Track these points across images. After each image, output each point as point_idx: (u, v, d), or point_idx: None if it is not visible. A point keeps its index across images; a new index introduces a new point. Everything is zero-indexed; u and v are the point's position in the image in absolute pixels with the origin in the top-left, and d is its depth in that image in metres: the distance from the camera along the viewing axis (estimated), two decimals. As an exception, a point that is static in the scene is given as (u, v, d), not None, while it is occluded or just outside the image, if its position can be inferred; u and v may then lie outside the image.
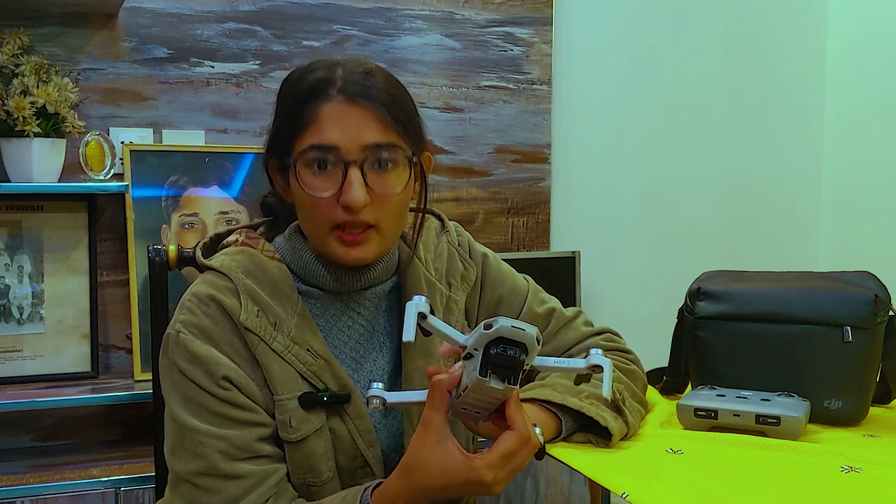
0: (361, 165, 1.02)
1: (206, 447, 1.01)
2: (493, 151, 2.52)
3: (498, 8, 2.49)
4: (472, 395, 0.92)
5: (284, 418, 1.04)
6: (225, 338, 1.04)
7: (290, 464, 1.06)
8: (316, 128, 1.03)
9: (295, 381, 1.06)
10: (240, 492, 1.01)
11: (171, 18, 2.19)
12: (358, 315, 1.14)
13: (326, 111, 1.03)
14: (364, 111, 1.03)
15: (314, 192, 1.03)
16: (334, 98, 1.04)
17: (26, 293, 2.07)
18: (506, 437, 0.94)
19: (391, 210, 1.06)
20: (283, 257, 1.12)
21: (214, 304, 1.05)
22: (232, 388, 1.03)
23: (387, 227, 1.07)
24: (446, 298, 1.19)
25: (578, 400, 1.10)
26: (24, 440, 2.10)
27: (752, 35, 2.80)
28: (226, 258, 1.10)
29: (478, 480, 0.93)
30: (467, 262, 1.24)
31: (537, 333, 0.88)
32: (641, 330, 1.88)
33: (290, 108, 1.07)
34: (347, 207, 1.02)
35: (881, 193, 2.70)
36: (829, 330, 1.24)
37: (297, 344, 1.06)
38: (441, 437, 0.93)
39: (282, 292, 1.08)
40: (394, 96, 1.06)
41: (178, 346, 1.04)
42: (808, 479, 1.00)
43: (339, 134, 1.02)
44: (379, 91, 1.05)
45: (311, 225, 1.07)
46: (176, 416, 1.03)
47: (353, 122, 1.03)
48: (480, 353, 0.89)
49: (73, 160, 2.06)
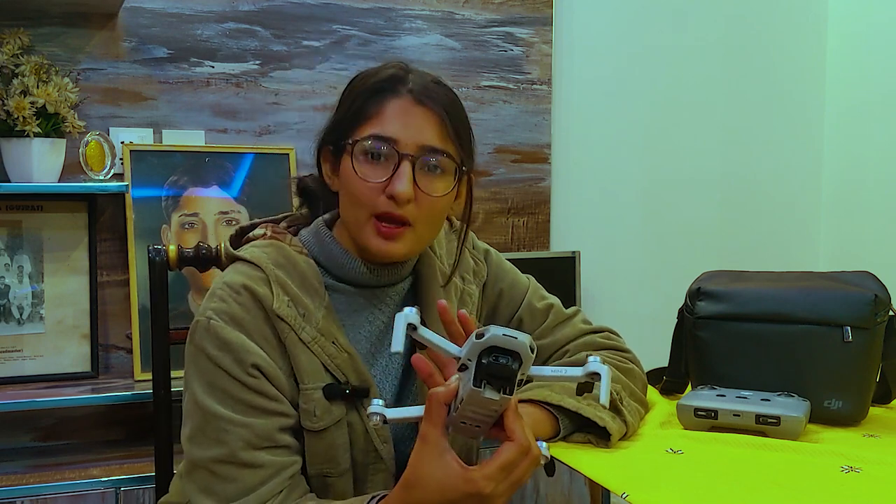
0: (414, 162, 1.06)
1: (229, 434, 1.02)
2: (493, 151, 2.52)
3: (498, 8, 2.49)
4: (470, 408, 0.91)
5: (309, 407, 1.06)
6: (256, 326, 1.05)
7: (310, 454, 1.07)
8: (379, 119, 1.08)
9: (319, 372, 1.07)
10: (256, 481, 1.01)
11: (171, 18, 2.19)
12: (379, 311, 1.16)
13: (393, 106, 1.08)
14: (428, 114, 1.08)
15: (365, 176, 1.07)
16: (403, 96, 1.08)
17: (26, 293, 2.07)
18: (505, 448, 0.93)
19: (430, 212, 1.09)
20: (310, 251, 1.14)
21: (247, 292, 1.06)
22: (260, 377, 1.04)
23: (422, 228, 1.10)
24: (461, 291, 1.22)
25: (576, 401, 1.10)
26: (24, 440, 2.10)
27: (752, 35, 2.80)
28: (256, 250, 1.12)
29: (476, 493, 0.92)
30: (478, 259, 1.27)
31: (530, 342, 0.87)
32: (641, 330, 1.88)
33: (356, 99, 1.11)
34: (392, 197, 1.05)
35: (881, 193, 2.70)
36: (829, 330, 1.24)
37: (323, 336, 1.08)
38: (439, 450, 0.93)
39: (310, 285, 1.10)
40: (456, 109, 1.12)
41: (209, 332, 1.04)
42: (808, 479, 1.00)
43: (401, 129, 1.07)
44: (445, 99, 1.10)
45: (353, 211, 1.10)
46: (200, 401, 1.04)
47: (415, 121, 1.08)
48: (474, 363, 0.88)
49: (73, 160, 2.06)
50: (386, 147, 1.06)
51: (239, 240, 1.19)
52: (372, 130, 1.07)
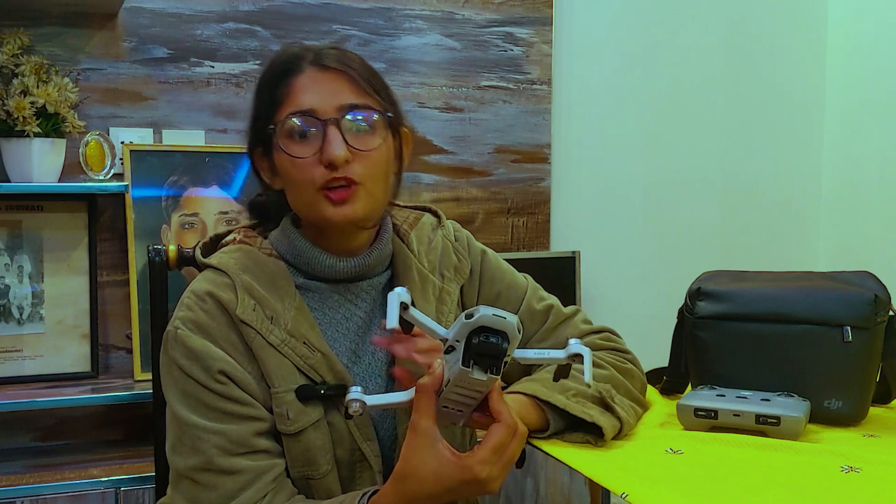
0: (339, 124, 1.05)
1: (204, 442, 1.02)
2: (493, 151, 2.52)
3: (498, 8, 2.49)
4: (455, 391, 0.92)
5: (282, 410, 1.05)
6: (221, 332, 1.05)
7: (289, 457, 1.06)
8: (291, 98, 1.07)
9: (292, 374, 1.06)
10: (237, 487, 1.01)
11: (171, 18, 2.19)
12: (356, 307, 1.15)
13: (300, 81, 1.07)
14: (337, 75, 1.08)
15: (298, 154, 1.06)
16: (306, 69, 1.08)
17: (26, 293, 2.07)
18: (494, 429, 0.94)
19: (373, 167, 1.07)
20: (280, 251, 1.14)
21: (211, 299, 1.06)
22: (228, 382, 1.04)
23: (371, 185, 1.08)
24: (439, 290, 1.20)
25: (565, 398, 1.10)
26: (24, 440, 2.10)
27: (752, 35, 2.80)
28: (224, 256, 1.12)
29: (473, 479, 0.92)
30: (462, 255, 1.25)
31: (518, 322, 0.89)
32: (641, 330, 1.87)
33: (265, 90, 1.10)
34: (330, 164, 1.04)
35: (881, 193, 2.70)
36: (829, 330, 1.24)
37: (293, 337, 1.07)
38: (431, 440, 0.93)
39: (279, 287, 1.09)
40: (364, 65, 1.11)
41: (177, 342, 1.05)
42: (808, 479, 1.00)
43: (315, 97, 1.06)
44: (350, 59, 1.10)
45: (300, 194, 1.08)
46: (175, 412, 1.04)
47: (326, 86, 1.07)
48: (463, 343, 0.89)
49: (73, 160, 2.06)
50: (307, 120, 1.05)
51: (214, 246, 1.19)
52: (288, 110, 1.06)
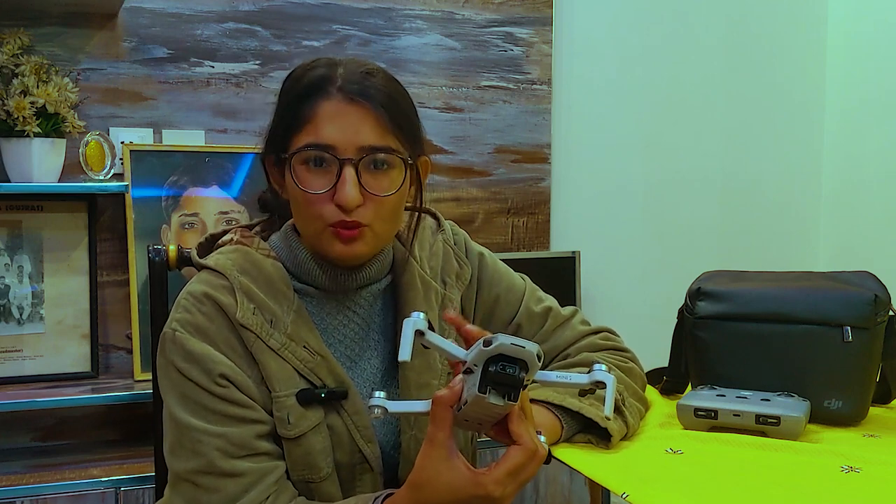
0: (356, 165, 1.03)
1: (205, 445, 1.01)
2: (493, 151, 2.52)
3: (498, 8, 2.49)
4: (473, 410, 0.91)
5: (282, 415, 1.05)
6: (221, 335, 1.04)
7: (289, 461, 1.06)
8: (313, 126, 1.04)
9: (292, 378, 1.06)
10: (239, 490, 1.01)
11: (171, 18, 2.19)
12: (353, 314, 1.14)
13: (324, 109, 1.04)
14: (362, 111, 1.03)
15: (309, 188, 1.03)
16: (333, 96, 1.04)
17: (26, 293, 2.07)
18: (512, 451, 0.93)
19: (384, 211, 1.06)
20: (279, 255, 1.13)
21: (210, 301, 1.05)
22: (229, 386, 1.03)
23: (380, 227, 1.07)
24: (441, 297, 1.19)
25: (578, 401, 1.10)
26: (24, 440, 2.10)
27: (752, 35, 2.80)
28: (221, 257, 1.10)
29: (486, 496, 0.92)
30: (462, 260, 1.24)
31: (538, 350, 0.87)
32: (641, 330, 1.88)
33: (288, 104, 1.07)
34: (341, 206, 1.02)
35: (881, 193, 2.70)
36: (829, 330, 1.24)
37: (293, 341, 1.06)
38: (447, 453, 0.92)
39: (277, 290, 1.08)
40: (393, 98, 1.06)
41: (175, 344, 1.04)
42: (808, 479, 1.00)
43: (336, 133, 1.03)
44: (378, 92, 1.04)
45: (305, 222, 1.07)
46: (174, 414, 1.03)
47: (350, 122, 1.03)
48: (480, 369, 0.88)
49: (73, 160, 2.06)
50: (325, 154, 1.03)
51: (210, 246, 1.17)
52: (308, 139, 1.03)
